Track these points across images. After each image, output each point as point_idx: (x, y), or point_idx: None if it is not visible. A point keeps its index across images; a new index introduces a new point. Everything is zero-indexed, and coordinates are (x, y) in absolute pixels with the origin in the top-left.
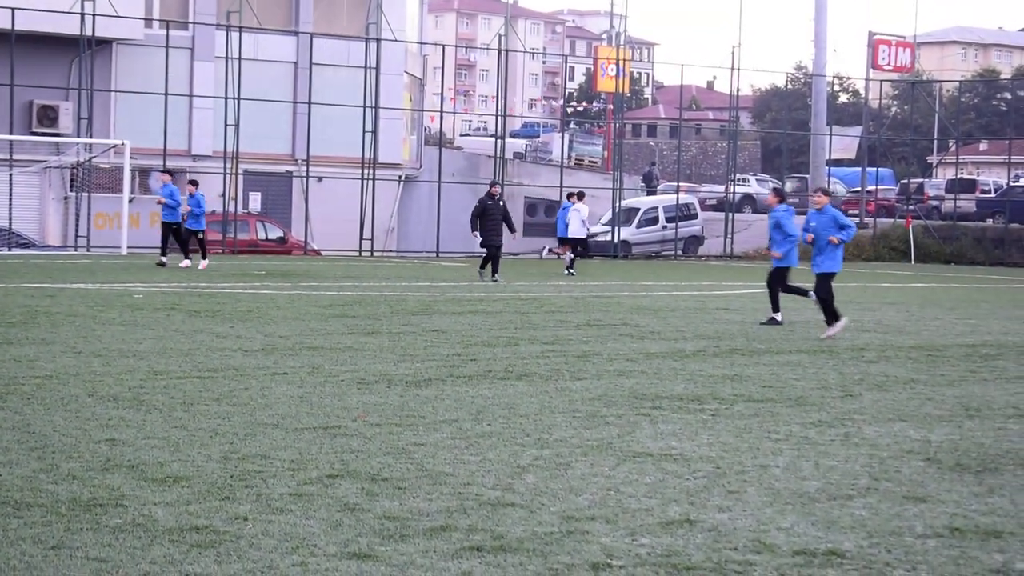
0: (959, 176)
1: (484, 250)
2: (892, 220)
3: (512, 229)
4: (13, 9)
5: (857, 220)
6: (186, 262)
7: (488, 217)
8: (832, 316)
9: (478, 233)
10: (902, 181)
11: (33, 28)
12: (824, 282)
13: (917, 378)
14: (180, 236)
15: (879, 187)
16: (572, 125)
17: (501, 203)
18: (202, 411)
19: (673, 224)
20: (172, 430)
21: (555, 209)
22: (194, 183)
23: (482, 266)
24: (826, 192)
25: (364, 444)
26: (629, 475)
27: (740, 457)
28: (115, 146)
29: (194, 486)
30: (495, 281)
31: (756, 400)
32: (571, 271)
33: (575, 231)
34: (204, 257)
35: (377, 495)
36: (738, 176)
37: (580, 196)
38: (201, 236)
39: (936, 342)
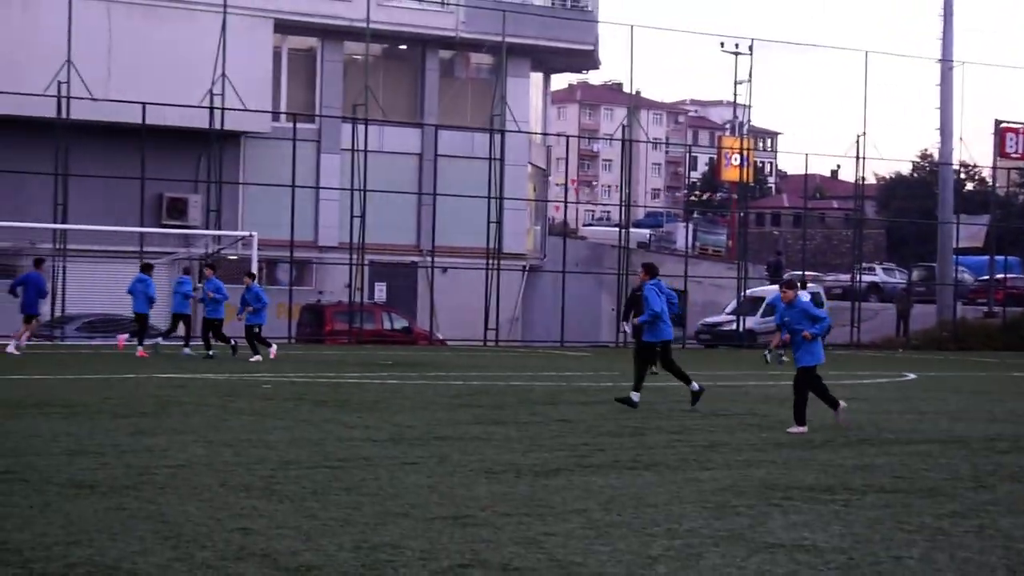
0: None
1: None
2: (1022, 309)
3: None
4: (144, 104)
5: (986, 308)
6: (257, 357)
7: (638, 306)
8: (800, 415)
9: (627, 324)
10: None
11: (163, 122)
12: (804, 376)
13: None
14: (217, 332)
15: (1008, 275)
16: (696, 214)
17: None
18: (333, 500)
19: None
20: (303, 519)
21: (679, 299)
22: (251, 275)
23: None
24: (792, 286)
25: (494, 534)
26: (761, 566)
27: (873, 548)
28: (243, 238)
29: (326, 575)
30: (654, 373)
31: (887, 491)
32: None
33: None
34: (269, 345)
35: None
36: (864, 265)
37: (803, 284)
38: (257, 330)
39: None
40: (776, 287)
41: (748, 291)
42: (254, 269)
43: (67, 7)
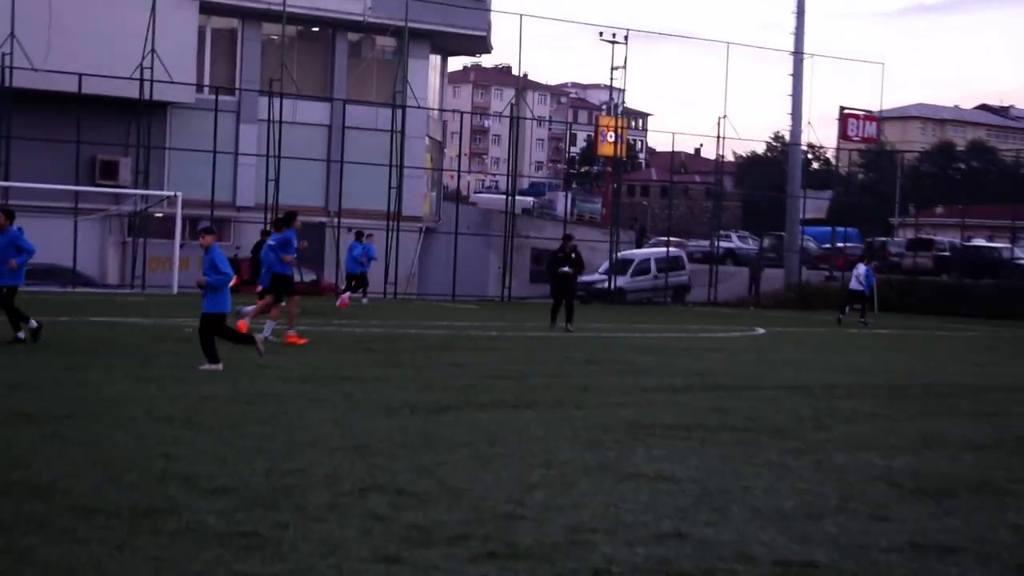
0: (918, 236)
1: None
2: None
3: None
4: (80, 75)
5: (828, 273)
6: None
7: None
8: (210, 353)
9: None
10: (867, 240)
11: (97, 91)
12: (208, 323)
13: (881, 413)
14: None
15: (847, 244)
16: (574, 185)
17: (572, 256)
18: (247, 432)
19: (663, 274)
20: (220, 447)
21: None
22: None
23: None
24: (209, 232)
25: (391, 463)
26: (626, 493)
27: (724, 479)
28: (168, 197)
29: (241, 496)
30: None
31: (739, 430)
32: (863, 321)
33: (852, 286)
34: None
35: (403, 507)
36: (721, 232)
37: (862, 258)
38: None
39: (898, 382)
40: (641, 250)
41: (619, 254)
42: (176, 231)
43: None
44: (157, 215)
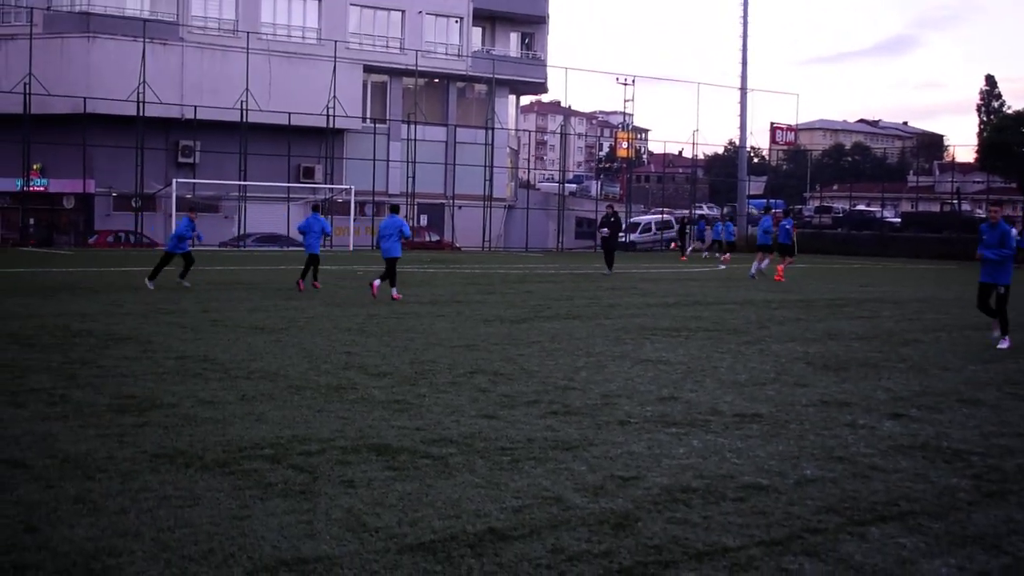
0: (821, 204)
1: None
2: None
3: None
4: (289, 113)
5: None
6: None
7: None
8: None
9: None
10: (790, 207)
11: (300, 123)
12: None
13: (801, 317)
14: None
15: (776, 210)
16: (602, 176)
17: (612, 220)
18: (398, 336)
19: (660, 231)
20: (382, 347)
21: (594, 223)
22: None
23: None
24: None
25: (489, 355)
26: (639, 372)
27: (701, 362)
28: (345, 189)
29: (395, 377)
30: (606, 274)
31: (710, 330)
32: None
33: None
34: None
35: (497, 383)
36: (696, 204)
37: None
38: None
39: (811, 297)
40: (645, 216)
41: (631, 219)
42: (351, 211)
43: (245, 60)
44: (338, 200)
